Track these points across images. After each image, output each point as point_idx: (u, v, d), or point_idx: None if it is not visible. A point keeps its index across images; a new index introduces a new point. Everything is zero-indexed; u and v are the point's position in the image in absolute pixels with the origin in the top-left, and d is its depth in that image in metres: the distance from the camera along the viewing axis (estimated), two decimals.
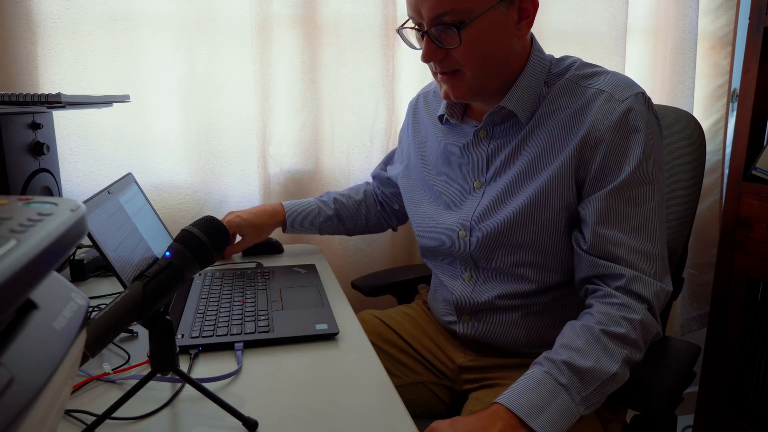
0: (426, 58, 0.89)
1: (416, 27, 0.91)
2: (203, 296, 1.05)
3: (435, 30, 0.87)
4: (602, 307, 0.82)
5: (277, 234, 1.51)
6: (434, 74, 0.95)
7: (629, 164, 0.85)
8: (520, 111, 0.93)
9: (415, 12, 0.88)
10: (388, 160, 1.31)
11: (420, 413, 0.72)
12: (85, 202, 0.88)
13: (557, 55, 1.00)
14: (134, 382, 0.70)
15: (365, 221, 1.32)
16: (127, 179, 1.13)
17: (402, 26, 0.93)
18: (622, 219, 0.85)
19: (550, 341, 0.93)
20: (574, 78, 0.92)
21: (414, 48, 0.95)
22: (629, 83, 0.90)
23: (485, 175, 0.98)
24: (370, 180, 1.36)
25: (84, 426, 0.66)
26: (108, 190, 0.99)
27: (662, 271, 0.86)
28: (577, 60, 0.97)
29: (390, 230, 1.39)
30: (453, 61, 0.89)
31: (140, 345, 0.89)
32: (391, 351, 1.09)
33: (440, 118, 1.04)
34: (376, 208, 1.33)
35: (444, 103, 1.02)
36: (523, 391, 0.76)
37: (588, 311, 0.84)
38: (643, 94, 0.89)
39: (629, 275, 0.83)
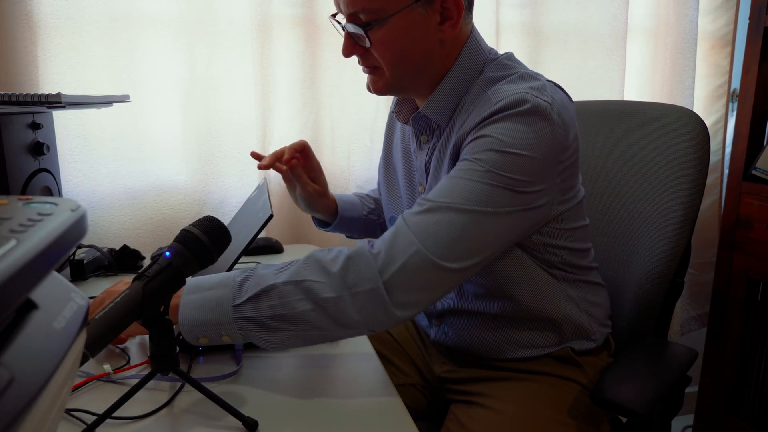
0: (344, 53, 0.87)
1: (338, 20, 0.89)
2: None
3: (351, 27, 0.85)
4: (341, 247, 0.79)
5: (277, 234, 1.51)
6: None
7: (470, 152, 0.79)
8: (437, 117, 0.90)
9: (336, 4, 0.86)
10: None
11: (412, 415, 0.72)
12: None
13: (556, 55, 0.98)
14: (134, 382, 0.70)
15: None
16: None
17: (333, 15, 0.90)
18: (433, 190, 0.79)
19: (525, 344, 0.92)
20: (482, 82, 0.88)
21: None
22: (519, 86, 0.81)
23: (425, 179, 0.96)
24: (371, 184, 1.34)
25: (84, 426, 0.66)
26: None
27: (436, 235, 0.74)
28: (499, 59, 0.90)
29: None
30: (372, 57, 0.86)
31: (140, 345, 0.89)
32: (383, 351, 1.08)
33: (391, 114, 1.02)
34: None
35: (394, 102, 1.02)
36: (214, 275, 0.76)
37: None
38: (527, 93, 0.78)
39: (395, 225, 0.77)
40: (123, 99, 1.26)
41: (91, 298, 1.07)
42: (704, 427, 1.79)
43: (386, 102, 1.53)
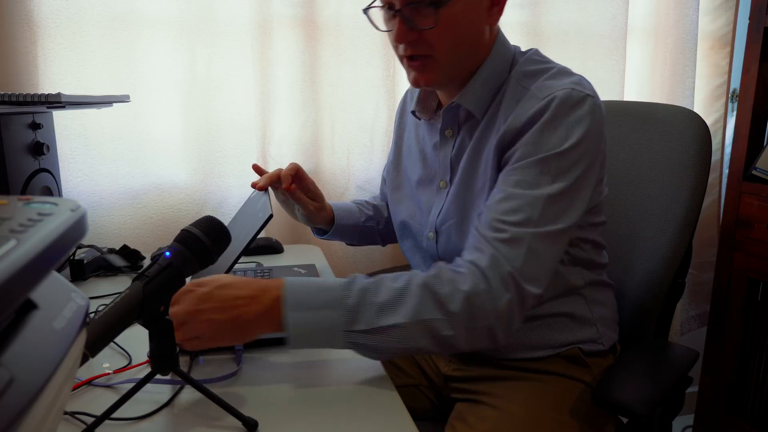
0: (398, 39, 0.84)
1: (386, 6, 0.86)
2: None
3: (409, 9, 0.82)
4: (442, 266, 0.79)
5: (277, 234, 1.51)
6: (401, 59, 0.89)
7: (530, 151, 0.80)
8: (474, 108, 0.89)
9: None
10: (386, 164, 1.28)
11: (414, 416, 0.72)
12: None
13: (556, 55, 0.98)
14: (134, 382, 0.70)
15: (390, 227, 1.23)
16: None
17: (369, 5, 0.88)
18: (502, 200, 0.80)
19: (533, 344, 0.92)
20: (517, 76, 0.88)
21: (379, 30, 0.90)
22: (560, 81, 0.83)
23: (449, 175, 0.95)
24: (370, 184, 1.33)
25: (84, 426, 0.66)
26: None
27: (527, 263, 0.77)
28: (529, 54, 0.91)
29: None
30: (425, 44, 0.84)
31: (140, 345, 0.89)
32: None
33: (413, 113, 1.01)
34: None
35: (415, 98, 1.00)
36: (311, 285, 0.76)
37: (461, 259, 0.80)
38: (573, 89, 0.81)
39: (485, 252, 0.77)
40: (123, 99, 1.26)
41: (91, 298, 1.07)
42: (704, 427, 1.79)
43: (386, 102, 1.53)
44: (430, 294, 0.75)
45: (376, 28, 0.90)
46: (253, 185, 1.00)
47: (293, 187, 1.03)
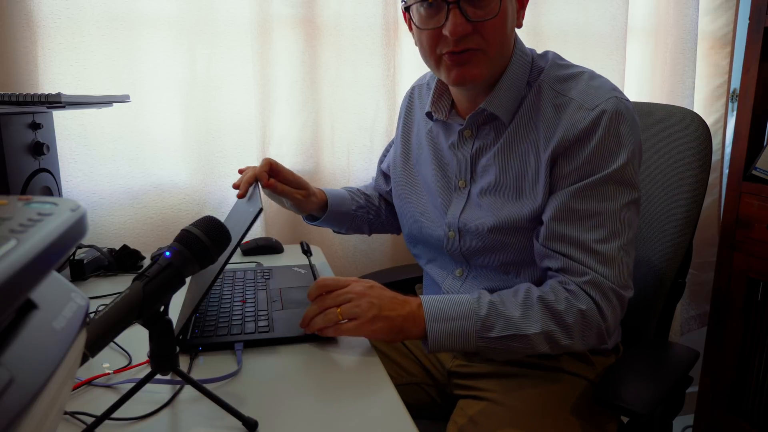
0: (455, 32, 0.83)
1: (433, 2, 0.85)
2: None
3: (467, 2, 0.82)
4: (554, 284, 0.86)
5: (277, 234, 1.51)
6: (439, 58, 0.88)
7: (596, 167, 0.85)
8: (502, 113, 0.91)
9: None
10: (383, 156, 1.28)
11: (414, 414, 0.72)
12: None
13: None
14: (134, 382, 0.70)
15: (386, 216, 1.26)
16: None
17: (413, 2, 0.87)
18: (581, 218, 0.85)
19: None
20: (549, 81, 0.90)
21: (421, 28, 0.88)
22: (600, 89, 0.88)
23: (469, 175, 0.97)
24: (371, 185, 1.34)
25: (84, 426, 0.66)
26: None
27: (620, 275, 0.86)
28: (551, 58, 0.94)
29: None
30: (478, 37, 0.84)
31: (140, 345, 0.89)
32: (387, 351, 1.09)
33: (428, 115, 1.02)
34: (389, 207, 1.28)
35: (430, 99, 1.00)
36: (444, 301, 0.85)
37: (542, 285, 0.88)
38: (616, 98, 0.86)
39: (588, 274, 0.85)
40: (123, 99, 1.26)
41: (91, 298, 1.07)
42: (704, 427, 1.79)
43: (386, 102, 1.53)
44: (549, 310, 0.84)
45: (416, 26, 0.89)
46: (238, 195, 1.01)
47: (272, 181, 1.04)
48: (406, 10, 0.90)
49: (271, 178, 1.03)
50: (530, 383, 0.92)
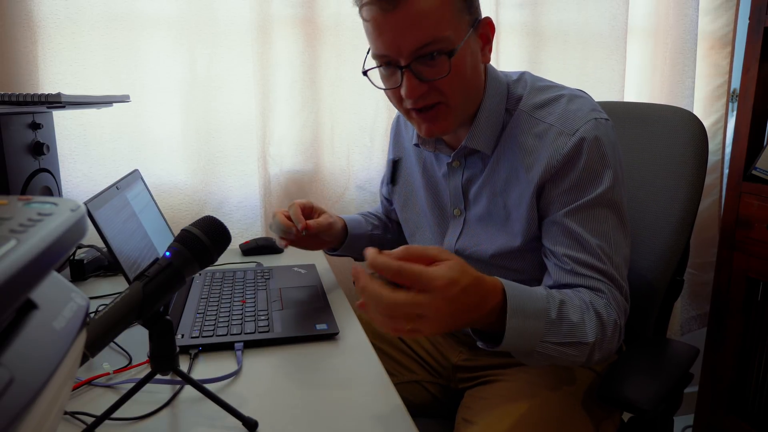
0: (410, 94, 0.84)
1: (387, 65, 0.86)
2: (203, 296, 1.05)
3: (418, 63, 0.82)
4: (591, 293, 0.83)
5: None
6: (407, 113, 0.90)
7: (584, 190, 0.85)
8: (483, 146, 0.92)
9: (391, 48, 0.83)
10: (383, 180, 1.26)
11: (415, 411, 0.72)
12: (94, 197, 0.88)
13: (556, 55, 0.99)
14: (134, 382, 0.70)
15: (400, 234, 1.24)
16: (134, 175, 1.13)
17: (369, 68, 0.88)
18: (582, 240, 0.85)
19: None
20: (527, 109, 0.90)
21: (382, 89, 0.90)
22: (579, 112, 0.87)
23: (463, 204, 0.99)
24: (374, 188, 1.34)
25: (84, 426, 0.66)
26: (116, 186, 0.99)
27: (626, 294, 0.87)
28: (529, 82, 0.93)
29: None
30: (435, 93, 0.85)
31: (140, 345, 0.89)
32: (388, 350, 1.09)
33: (416, 146, 1.03)
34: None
35: (415, 133, 1.00)
36: (524, 293, 0.75)
37: (575, 289, 0.83)
38: (595, 120, 0.86)
39: (606, 291, 0.83)
40: (123, 99, 1.26)
41: (91, 298, 1.07)
42: (704, 427, 1.79)
43: (386, 102, 1.53)
44: (599, 319, 0.80)
45: (377, 87, 0.90)
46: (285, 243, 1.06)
47: (311, 225, 1.05)
48: (364, 74, 0.90)
49: (306, 223, 1.04)
50: (536, 371, 0.93)
